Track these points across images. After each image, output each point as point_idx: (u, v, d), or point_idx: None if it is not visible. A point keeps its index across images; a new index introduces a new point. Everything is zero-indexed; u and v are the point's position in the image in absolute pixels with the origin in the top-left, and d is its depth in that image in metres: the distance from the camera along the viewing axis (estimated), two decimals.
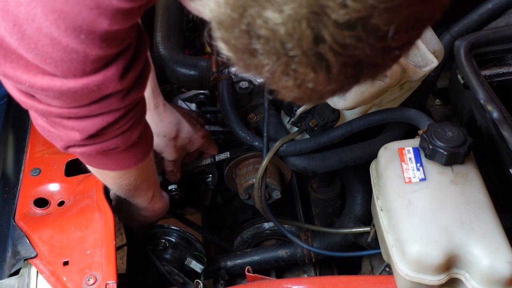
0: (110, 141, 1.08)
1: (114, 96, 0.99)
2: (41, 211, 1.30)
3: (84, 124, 1.01)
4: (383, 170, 1.13)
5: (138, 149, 1.17)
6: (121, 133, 1.08)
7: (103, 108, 1.00)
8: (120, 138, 1.09)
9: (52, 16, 0.82)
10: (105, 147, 1.09)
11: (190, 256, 1.47)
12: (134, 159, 1.18)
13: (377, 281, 1.23)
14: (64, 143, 1.07)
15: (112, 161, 1.17)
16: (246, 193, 1.53)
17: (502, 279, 0.99)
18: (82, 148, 1.08)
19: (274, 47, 0.69)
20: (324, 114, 1.32)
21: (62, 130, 1.04)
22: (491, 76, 1.26)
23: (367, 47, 0.69)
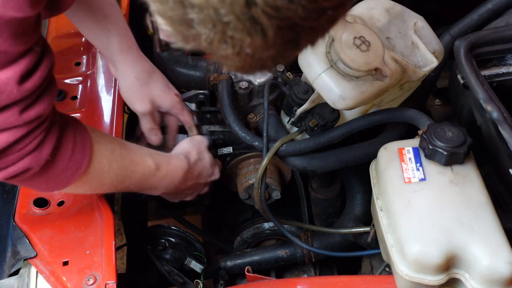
0: (15, 165, 1.00)
1: (10, 109, 0.93)
2: (40, 211, 1.30)
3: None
4: (383, 170, 1.13)
5: (67, 163, 1.08)
6: (28, 153, 1.00)
7: (1, 122, 0.93)
8: (28, 158, 1.00)
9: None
10: (12, 172, 1.00)
11: (190, 256, 1.47)
12: (68, 175, 1.10)
13: (377, 281, 1.23)
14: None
15: (44, 185, 1.09)
16: (246, 193, 1.53)
17: (502, 279, 0.99)
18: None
19: (209, 15, 0.70)
20: (324, 114, 1.32)
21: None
22: (491, 76, 1.26)
23: (300, 8, 0.69)
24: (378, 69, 1.16)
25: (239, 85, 1.47)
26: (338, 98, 1.19)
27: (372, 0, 1.30)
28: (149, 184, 1.31)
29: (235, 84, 1.48)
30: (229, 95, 1.44)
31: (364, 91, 1.18)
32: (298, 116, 1.35)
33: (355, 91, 1.18)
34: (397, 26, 1.28)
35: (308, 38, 0.77)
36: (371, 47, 1.16)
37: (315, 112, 1.33)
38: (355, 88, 1.18)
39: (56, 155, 1.06)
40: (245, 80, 1.47)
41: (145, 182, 1.30)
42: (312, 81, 1.22)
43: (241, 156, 1.54)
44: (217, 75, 1.49)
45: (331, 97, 1.20)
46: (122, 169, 1.22)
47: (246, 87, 1.47)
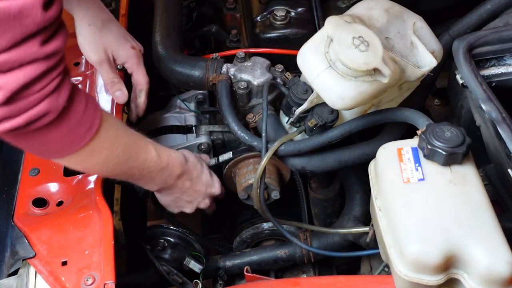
0: (35, 107, 1.00)
1: (32, 40, 0.93)
2: (39, 211, 1.30)
3: (6, 79, 0.94)
4: (381, 170, 1.13)
5: (81, 119, 1.09)
6: (48, 94, 1.00)
7: (23, 54, 0.93)
8: (47, 101, 1.01)
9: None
10: (31, 115, 1.00)
11: (189, 256, 1.47)
12: (81, 132, 1.11)
13: (376, 281, 1.23)
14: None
15: (59, 143, 1.09)
16: (245, 193, 1.53)
17: (501, 279, 0.99)
18: (10, 122, 0.99)
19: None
20: (323, 114, 1.32)
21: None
22: (489, 76, 1.26)
23: None
24: (377, 69, 1.16)
25: (238, 85, 1.47)
26: (337, 98, 1.19)
27: (371, 0, 1.30)
28: (150, 173, 1.31)
29: (234, 84, 1.48)
30: (228, 95, 1.44)
31: (363, 91, 1.18)
32: (297, 116, 1.35)
33: (354, 91, 1.18)
34: (396, 26, 1.28)
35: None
36: (370, 47, 1.16)
37: (314, 112, 1.33)
38: (354, 88, 1.18)
39: (71, 104, 1.06)
40: (244, 80, 1.47)
41: (146, 169, 1.30)
42: (311, 81, 1.22)
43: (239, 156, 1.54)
44: (216, 75, 1.49)
45: (330, 97, 1.20)
46: (127, 146, 1.23)
47: (245, 87, 1.47)
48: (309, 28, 1.58)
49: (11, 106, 0.98)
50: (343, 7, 1.61)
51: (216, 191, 1.51)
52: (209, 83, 1.51)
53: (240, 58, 1.51)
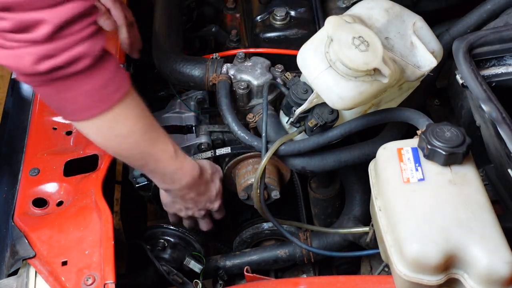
0: (73, 48, 1.03)
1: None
2: (39, 211, 1.30)
3: (53, 13, 0.99)
4: (381, 170, 1.13)
5: (112, 77, 1.13)
6: (86, 37, 1.05)
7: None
8: (85, 44, 1.05)
9: None
10: (69, 57, 1.03)
11: (189, 256, 1.47)
12: (111, 89, 1.13)
13: (376, 281, 1.23)
14: (31, 57, 1.01)
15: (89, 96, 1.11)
16: (245, 193, 1.53)
17: (501, 279, 0.99)
18: (52, 60, 1.02)
19: None
20: (323, 114, 1.32)
21: (26, 35, 1.00)
22: (489, 76, 1.26)
23: None
24: (377, 69, 1.16)
25: (238, 85, 1.47)
26: (337, 98, 1.19)
27: (371, 0, 1.30)
28: (163, 168, 1.32)
29: (234, 84, 1.48)
30: (228, 95, 1.45)
31: (363, 91, 1.18)
32: (297, 116, 1.35)
33: (354, 91, 1.18)
34: (396, 26, 1.28)
35: None
36: (370, 47, 1.16)
37: (314, 112, 1.33)
38: (354, 88, 1.18)
39: (104, 58, 1.10)
40: (244, 80, 1.47)
41: (161, 163, 1.31)
42: (311, 81, 1.22)
43: (239, 156, 1.54)
44: (216, 75, 1.49)
45: (330, 97, 1.20)
46: (149, 126, 1.25)
47: (245, 87, 1.47)
48: (309, 28, 1.58)
49: (53, 44, 1.01)
50: (343, 7, 1.61)
51: (214, 207, 1.51)
52: (209, 83, 1.51)
53: (240, 58, 1.51)
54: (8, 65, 1.05)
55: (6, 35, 1.02)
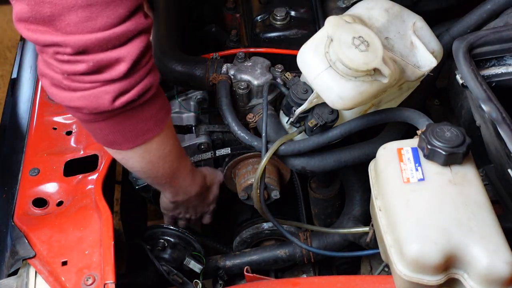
0: (143, 81, 1.09)
1: (139, 12, 1.04)
2: (39, 211, 1.30)
3: (128, 49, 1.03)
4: (381, 170, 1.13)
5: (163, 99, 1.20)
6: (151, 68, 1.11)
7: (136, 24, 1.03)
8: (151, 74, 1.11)
9: None
10: (144, 86, 1.09)
11: (189, 256, 1.47)
12: (166, 107, 1.21)
13: (376, 281, 1.23)
14: (109, 95, 1.06)
15: (152, 118, 1.18)
16: (245, 193, 1.53)
17: (501, 279, 0.99)
18: (127, 95, 1.07)
19: None
20: (323, 114, 1.32)
21: (104, 75, 1.04)
22: (489, 76, 1.26)
23: None
24: (377, 69, 1.16)
25: (238, 85, 1.47)
26: (337, 98, 1.19)
27: (371, 0, 1.30)
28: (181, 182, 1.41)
29: (234, 84, 1.48)
30: (228, 95, 1.45)
31: (363, 91, 1.18)
32: (297, 116, 1.35)
33: (354, 91, 1.18)
34: (396, 26, 1.28)
35: None
36: (370, 47, 1.16)
37: (314, 112, 1.33)
38: (354, 88, 1.18)
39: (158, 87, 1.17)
40: (244, 80, 1.47)
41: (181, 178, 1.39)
42: (311, 81, 1.22)
43: (239, 156, 1.54)
44: (216, 75, 1.49)
45: (330, 97, 1.20)
46: (178, 143, 1.34)
47: (245, 87, 1.47)
48: (309, 28, 1.58)
49: (129, 79, 1.07)
50: (343, 7, 1.61)
51: (209, 211, 1.59)
52: (209, 83, 1.51)
53: (240, 58, 1.51)
54: (85, 106, 1.08)
55: (82, 78, 1.04)
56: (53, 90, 1.09)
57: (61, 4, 0.97)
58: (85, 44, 1.00)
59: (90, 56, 1.02)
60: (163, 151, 1.26)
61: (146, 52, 1.08)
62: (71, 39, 0.99)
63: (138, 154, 1.24)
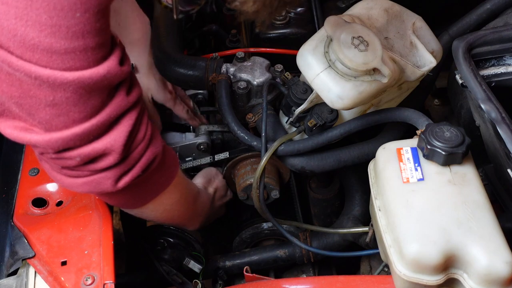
0: (146, 154, 1.08)
1: (119, 93, 1.00)
2: (39, 211, 1.30)
3: (112, 138, 1.00)
4: (381, 170, 1.13)
5: (170, 154, 1.20)
6: (149, 141, 1.08)
7: (116, 109, 0.99)
8: (152, 148, 1.09)
9: (45, 2, 0.85)
10: (146, 161, 1.08)
11: (188, 256, 1.47)
12: (173, 164, 1.22)
13: (376, 281, 1.23)
14: (110, 180, 1.05)
15: (160, 180, 1.19)
16: (244, 193, 1.53)
17: (500, 279, 0.99)
18: (129, 174, 1.07)
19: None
20: (323, 114, 1.32)
21: (98, 165, 1.02)
22: (489, 76, 1.26)
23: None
24: (376, 69, 1.16)
25: (237, 85, 1.47)
26: (336, 98, 1.19)
27: (370, 0, 1.30)
28: (201, 212, 1.45)
29: (233, 84, 1.47)
30: (227, 95, 1.44)
31: (362, 91, 1.18)
32: (297, 116, 1.35)
33: (353, 91, 1.18)
34: (396, 26, 1.28)
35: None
36: (370, 47, 1.16)
37: (313, 112, 1.33)
38: (353, 88, 1.18)
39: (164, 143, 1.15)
40: (244, 80, 1.47)
41: (200, 209, 1.44)
42: (310, 81, 1.22)
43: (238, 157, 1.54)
44: (215, 75, 1.49)
45: (330, 97, 1.20)
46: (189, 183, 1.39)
47: (245, 87, 1.47)
48: (309, 28, 1.58)
49: (127, 162, 1.05)
50: (342, 7, 1.61)
51: (226, 199, 1.60)
52: (209, 83, 1.51)
53: (239, 58, 1.51)
54: (89, 190, 1.09)
55: (78, 168, 1.03)
56: (55, 176, 1.07)
57: (28, 104, 0.94)
58: (64, 141, 0.97)
59: (74, 151, 0.99)
60: (174, 198, 1.28)
61: (139, 125, 1.05)
62: (48, 138, 0.97)
63: (150, 209, 1.25)
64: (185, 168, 1.59)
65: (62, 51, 0.89)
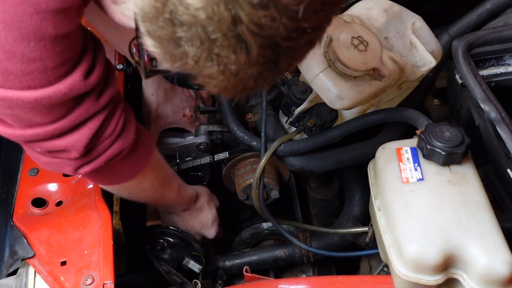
0: (111, 147, 1.08)
1: (87, 99, 1.00)
2: (39, 211, 1.30)
3: (75, 138, 1.01)
4: (381, 170, 1.13)
5: (143, 146, 1.18)
6: (118, 136, 1.08)
7: (82, 114, 1.00)
8: (120, 142, 1.09)
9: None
10: (110, 154, 1.09)
11: (188, 256, 1.47)
12: (145, 157, 1.21)
13: (375, 281, 1.23)
14: (70, 167, 1.08)
15: (127, 170, 1.19)
16: (244, 193, 1.53)
17: (500, 279, 0.99)
18: (90, 165, 1.08)
19: (197, 32, 0.73)
20: (322, 114, 1.32)
21: (60, 154, 1.05)
22: (489, 76, 1.26)
23: (281, 27, 0.73)
24: (376, 69, 1.16)
25: None
26: (336, 98, 1.19)
27: (370, 0, 1.30)
28: (169, 201, 1.44)
29: None
30: None
31: (362, 91, 1.18)
32: (296, 116, 1.35)
33: (353, 91, 1.18)
34: (396, 26, 1.28)
35: (287, 59, 0.80)
36: (369, 47, 1.16)
37: (313, 112, 1.33)
38: (353, 88, 1.18)
39: (138, 137, 1.15)
40: None
41: (168, 198, 1.42)
42: (310, 81, 1.22)
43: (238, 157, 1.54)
44: None
45: (329, 97, 1.20)
46: (163, 175, 1.35)
47: None
48: None
49: (87, 156, 1.07)
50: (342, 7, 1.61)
51: (209, 235, 1.58)
52: None
53: None
54: (52, 170, 1.12)
55: (45, 153, 1.06)
56: (24, 146, 1.09)
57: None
58: (26, 138, 1.00)
59: (37, 144, 1.02)
60: (141, 187, 1.28)
61: (107, 125, 1.05)
62: (11, 133, 1.00)
63: (114, 190, 1.29)
64: (184, 168, 1.59)
65: (19, 72, 0.88)
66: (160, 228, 1.49)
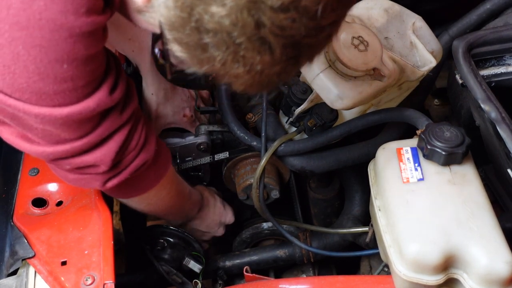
0: (137, 159, 1.13)
1: (112, 114, 1.04)
2: (39, 211, 1.30)
3: (103, 152, 1.06)
4: (381, 170, 1.13)
5: (162, 156, 1.22)
6: (141, 148, 1.12)
7: (108, 128, 1.04)
8: (144, 154, 1.14)
9: (34, 52, 0.87)
10: (136, 166, 1.13)
11: (188, 256, 1.47)
12: (164, 166, 1.25)
13: (376, 281, 1.23)
14: (99, 181, 1.12)
15: (149, 180, 1.23)
16: (244, 193, 1.53)
17: (500, 279, 0.99)
18: (117, 178, 1.13)
19: (222, 38, 0.78)
20: (323, 114, 1.32)
21: (88, 170, 1.08)
22: (489, 76, 1.26)
23: (302, 27, 0.78)
24: (376, 69, 1.16)
25: None
26: (336, 98, 1.19)
27: (370, 0, 1.30)
28: (184, 210, 1.46)
29: None
30: (227, 94, 1.44)
31: (362, 91, 1.18)
32: (297, 116, 1.35)
33: (353, 91, 1.18)
34: (396, 26, 1.28)
35: (307, 54, 0.86)
36: (370, 47, 1.16)
37: (313, 112, 1.33)
38: (353, 88, 1.18)
39: (159, 147, 1.20)
40: None
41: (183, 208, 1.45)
42: (310, 81, 1.22)
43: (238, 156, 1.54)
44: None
45: (329, 97, 1.20)
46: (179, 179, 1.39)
47: None
48: None
49: (115, 169, 1.11)
50: None
51: (229, 219, 1.60)
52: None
53: None
54: (79, 186, 1.18)
55: (73, 170, 1.10)
56: (50, 165, 1.12)
57: (22, 125, 1.00)
58: (55, 155, 1.04)
59: (66, 161, 1.06)
60: (159, 195, 1.31)
61: (131, 138, 1.10)
62: (41, 151, 1.03)
63: (134, 202, 1.31)
64: (185, 168, 1.59)
65: (51, 92, 0.92)
66: (160, 228, 1.49)
